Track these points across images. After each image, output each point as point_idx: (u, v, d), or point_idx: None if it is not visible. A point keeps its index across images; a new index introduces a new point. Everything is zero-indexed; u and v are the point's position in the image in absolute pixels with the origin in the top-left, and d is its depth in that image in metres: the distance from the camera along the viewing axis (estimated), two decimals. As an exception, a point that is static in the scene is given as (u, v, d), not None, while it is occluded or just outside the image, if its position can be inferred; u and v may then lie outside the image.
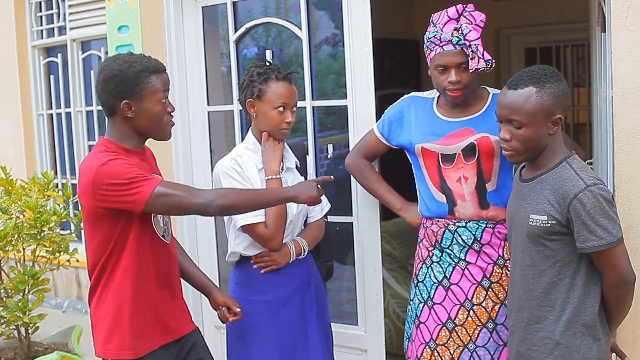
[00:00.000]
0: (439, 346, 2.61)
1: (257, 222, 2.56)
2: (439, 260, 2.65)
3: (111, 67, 2.27)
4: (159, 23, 3.86)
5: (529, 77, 2.11)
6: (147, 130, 2.33)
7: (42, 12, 5.13)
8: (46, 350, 3.78)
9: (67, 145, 5.21)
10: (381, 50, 3.60)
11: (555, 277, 2.12)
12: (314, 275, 2.78)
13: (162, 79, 2.31)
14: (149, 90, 2.27)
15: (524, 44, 6.45)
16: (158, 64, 2.32)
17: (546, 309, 2.14)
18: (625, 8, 2.43)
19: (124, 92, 2.26)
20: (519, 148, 2.14)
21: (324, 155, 3.64)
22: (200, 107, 3.84)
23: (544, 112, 2.08)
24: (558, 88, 2.10)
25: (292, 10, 3.61)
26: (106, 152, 2.25)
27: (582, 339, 2.10)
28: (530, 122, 2.09)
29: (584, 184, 2.02)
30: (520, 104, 2.09)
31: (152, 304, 2.33)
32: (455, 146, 2.58)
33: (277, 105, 2.59)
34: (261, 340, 2.60)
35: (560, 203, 2.06)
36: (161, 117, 2.31)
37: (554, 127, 2.11)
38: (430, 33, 2.54)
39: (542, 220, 2.09)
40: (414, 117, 2.71)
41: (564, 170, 2.10)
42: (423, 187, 2.70)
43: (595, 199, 2.00)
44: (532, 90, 2.09)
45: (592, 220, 2.01)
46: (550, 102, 2.08)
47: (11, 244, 3.61)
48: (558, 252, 2.10)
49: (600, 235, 2.01)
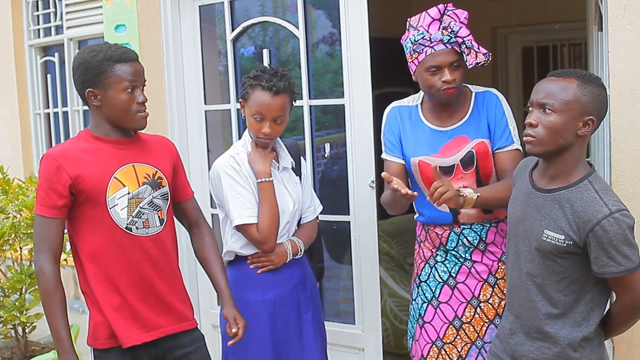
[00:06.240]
0: (446, 344, 2.60)
1: (250, 223, 2.56)
2: (443, 260, 2.64)
3: (78, 56, 2.32)
4: (156, 22, 3.86)
5: (574, 73, 2.04)
6: (114, 119, 2.33)
7: (39, 11, 5.12)
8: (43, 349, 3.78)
9: (64, 144, 5.19)
10: (378, 49, 3.59)
11: (560, 293, 2.06)
12: (309, 274, 2.78)
13: (129, 68, 2.28)
14: (112, 79, 2.27)
15: (521, 43, 6.44)
16: (125, 54, 2.29)
17: (547, 322, 2.09)
18: (622, 7, 2.43)
19: (88, 81, 2.29)
20: (543, 136, 2.01)
21: (321, 155, 3.64)
22: (197, 106, 3.84)
23: (579, 106, 1.98)
24: (600, 92, 2.02)
25: (290, 9, 3.61)
26: (66, 142, 2.40)
27: (581, 351, 2.06)
28: (562, 110, 1.99)
29: (608, 210, 1.94)
30: (559, 90, 2.01)
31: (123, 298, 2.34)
32: (453, 158, 2.56)
33: (253, 112, 2.56)
34: (257, 339, 2.60)
35: (580, 226, 1.97)
36: (127, 107, 2.29)
37: (584, 127, 2.01)
38: (416, 35, 2.49)
39: (558, 239, 2.01)
40: (402, 129, 2.68)
41: (586, 190, 2.00)
42: (421, 198, 2.64)
43: (619, 227, 1.93)
44: (574, 82, 2.01)
45: (613, 247, 1.94)
46: (588, 99, 1.99)
47: (8, 243, 3.61)
48: (567, 269, 2.04)
49: (620, 262, 1.95)
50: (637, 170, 2.45)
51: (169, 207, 2.45)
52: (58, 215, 2.27)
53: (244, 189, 2.58)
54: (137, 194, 2.34)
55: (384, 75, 4.16)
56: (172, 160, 2.51)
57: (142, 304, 2.35)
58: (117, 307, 2.32)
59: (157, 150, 2.47)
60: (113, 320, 2.31)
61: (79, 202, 2.29)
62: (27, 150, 5.29)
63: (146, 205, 2.36)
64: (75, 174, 2.26)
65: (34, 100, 5.26)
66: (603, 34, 2.61)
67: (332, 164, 3.71)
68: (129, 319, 2.33)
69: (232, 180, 2.57)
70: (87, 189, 2.27)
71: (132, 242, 2.33)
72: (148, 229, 2.36)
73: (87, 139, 2.36)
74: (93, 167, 2.29)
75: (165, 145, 2.53)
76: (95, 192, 2.28)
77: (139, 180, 2.35)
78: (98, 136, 2.35)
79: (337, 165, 3.63)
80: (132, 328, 2.33)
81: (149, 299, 2.37)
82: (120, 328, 2.32)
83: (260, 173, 2.58)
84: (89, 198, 2.28)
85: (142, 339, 2.34)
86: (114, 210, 2.30)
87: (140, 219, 2.35)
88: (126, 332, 2.32)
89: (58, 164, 2.26)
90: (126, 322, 2.33)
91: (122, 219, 2.31)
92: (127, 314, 2.33)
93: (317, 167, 3.59)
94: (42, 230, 2.28)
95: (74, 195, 2.28)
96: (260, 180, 2.58)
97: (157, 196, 2.39)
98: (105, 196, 2.29)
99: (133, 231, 2.33)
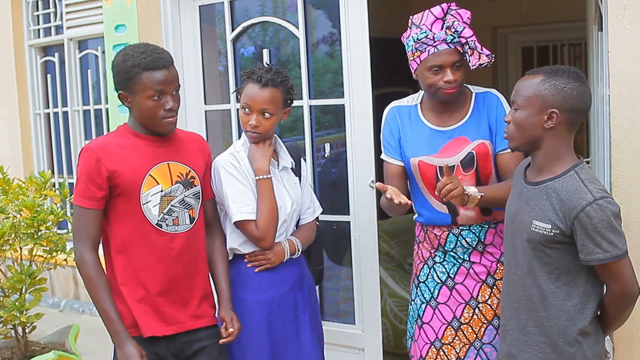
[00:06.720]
0: (444, 345, 2.60)
1: (249, 220, 2.56)
2: (442, 261, 2.64)
3: (115, 57, 2.38)
4: (156, 22, 3.86)
5: (544, 69, 2.12)
6: (142, 122, 2.39)
7: (39, 11, 5.13)
8: (43, 349, 3.77)
9: (64, 144, 5.20)
10: (378, 49, 3.59)
11: (552, 284, 2.08)
12: (306, 274, 2.78)
13: (157, 76, 2.30)
14: (139, 86, 2.31)
15: (521, 43, 6.45)
16: (156, 61, 2.31)
17: (543, 315, 2.11)
18: (622, 7, 2.43)
19: (120, 84, 2.35)
20: (512, 132, 2.13)
21: (321, 155, 3.64)
22: (197, 106, 3.84)
23: (539, 100, 2.05)
24: (566, 84, 2.05)
25: (290, 9, 3.61)
26: (105, 135, 2.47)
27: (577, 346, 2.07)
28: (525, 105, 2.08)
29: (592, 197, 1.97)
30: (524, 88, 2.10)
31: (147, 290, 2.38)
32: (454, 158, 2.56)
33: (242, 105, 2.58)
34: (254, 339, 2.60)
35: (566, 214, 2.01)
36: (153, 113, 2.34)
37: (549, 120, 2.05)
38: (419, 34, 2.48)
39: (545, 228, 2.05)
40: (402, 129, 2.67)
41: (571, 179, 2.04)
42: (420, 199, 2.65)
43: (603, 213, 1.96)
44: (539, 77, 2.09)
45: (598, 234, 1.97)
46: (549, 92, 2.05)
47: (8, 243, 3.60)
48: (557, 260, 2.07)
49: (606, 249, 1.98)
50: (637, 170, 2.45)
51: (200, 206, 2.50)
52: (97, 207, 2.34)
53: (243, 185, 2.58)
54: (170, 192, 2.40)
55: (384, 75, 4.16)
56: (205, 159, 2.57)
57: (164, 299, 2.40)
58: (139, 299, 2.38)
59: (192, 149, 2.52)
60: (135, 311, 2.37)
61: (113, 195, 2.35)
62: (27, 150, 5.30)
63: (177, 203, 2.42)
64: (113, 169, 2.32)
65: (34, 100, 5.27)
66: (603, 34, 2.61)
67: (332, 164, 3.70)
68: (151, 312, 2.39)
69: (232, 177, 2.58)
70: (123, 183, 2.33)
71: (161, 239, 2.39)
72: (178, 227, 2.41)
73: (125, 134, 2.42)
74: (130, 162, 2.35)
75: (200, 143, 2.59)
76: (130, 188, 2.34)
77: (172, 179, 2.41)
78: (136, 132, 2.41)
79: (337, 165, 3.63)
80: (153, 321, 2.39)
81: (171, 294, 2.42)
82: (142, 319, 2.38)
83: (259, 170, 2.59)
84: (124, 192, 2.34)
85: (162, 332, 2.40)
86: (147, 207, 2.36)
87: (171, 216, 2.40)
88: (147, 324, 2.38)
89: (97, 157, 2.32)
90: (147, 315, 2.38)
91: (154, 215, 2.37)
92: (149, 307, 2.39)
93: (317, 167, 3.59)
94: (82, 220, 2.34)
95: (110, 188, 2.34)
96: (259, 178, 2.58)
97: (189, 195, 2.45)
98: (140, 192, 2.35)
99: (163, 228, 2.39)
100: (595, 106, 2.99)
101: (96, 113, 4.84)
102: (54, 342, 3.83)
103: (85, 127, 5.02)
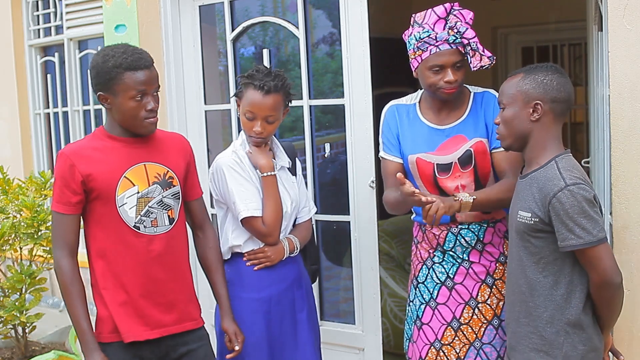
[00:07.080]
0: (444, 346, 2.60)
1: (257, 216, 2.57)
2: (441, 262, 2.63)
3: (94, 58, 2.36)
4: (156, 22, 3.86)
5: (524, 68, 2.23)
6: (123, 123, 2.36)
7: (39, 11, 5.12)
8: (43, 349, 3.78)
9: (64, 144, 5.19)
10: (378, 49, 3.59)
11: (540, 274, 2.14)
12: (304, 273, 2.80)
13: (138, 76, 2.29)
14: (121, 87, 2.29)
15: (521, 43, 6.45)
16: (137, 62, 2.29)
17: (531, 305, 2.16)
18: (622, 7, 2.43)
19: (100, 85, 2.32)
20: (502, 131, 2.22)
21: (321, 154, 3.64)
22: (197, 106, 3.84)
23: (522, 95, 2.15)
24: (545, 76, 2.15)
25: (290, 9, 3.61)
26: (81, 140, 2.46)
27: (565, 336, 2.10)
28: (510, 103, 2.18)
29: (563, 183, 2.03)
30: (507, 88, 2.21)
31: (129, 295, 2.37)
32: (451, 156, 2.56)
33: (245, 111, 2.58)
34: (252, 337, 2.61)
35: (543, 201, 2.08)
36: (135, 114, 2.32)
37: (535, 112, 2.14)
38: (421, 33, 2.49)
39: (526, 217, 2.13)
40: (400, 127, 2.68)
41: (550, 168, 2.11)
42: None
43: (574, 199, 2.01)
44: (519, 76, 2.20)
45: (570, 219, 2.01)
46: (529, 86, 2.15)
47: (8, 243, 3.61)
48: (542, 249, 2.12)
49: (579, 235, 2.01)
50: (637, 170, 2.45)
51: (180, 207, 2.48)
52: (73, 212, 2.33)
53: (248, 182, 2.60)
54: (147, 193, 2.37)
55: (384, 75, 4.15)
56: (186, 158, 2.54)
57: (147, 302, 2.38)
58: (122, 303, 2.36)
59: (171, 148, 2.50)
60: (117, 315, 2.35)
61: (90, 200, 2.34)
62: (27, 150, 5.29)
63: (155, 204, 2.39)
64: (87, 172, 2.30)
65: (34, 100, 5.26)
66: (603, 34, 2.61)
67: (332, 164, 3.70)
68: (133, 316, 2.36)
69: (237, 174, 2.59)
70: (98, 187, 2.32)
71: (139, 241, 2.36)
72: (156, 228, 2.39)
73: (101, 137, 2.40)
74: (104, 166, 2.33)
75: (180, 143, 2.56)
76: (106, 191, 2.32)
77: (149, 180, 2.38)
78: (111, 135, 2.39)
79: (337, 165, 3.63)
80: (136, 325, 2.36)
81: (154, 297, 2.39)
82: (123, 323, 2.35)
83: (265, 167, 2.60)
84: (100, 196, 2.33)
85: (145, 336, 2.36)
86: (123, 209, 2.34)
87: (149, 217, 2.38)
88: (129, 328, 2.35)
89: (71, 162, 2.30)
90: (130, 319, 2.36)
91: (131, 217, 2.35)
92: (132, 310, 2.36)
93: (317, 167, 3.59)
94: (59, 226, 2.34)
95: (86, 192, 2.32)
96: (265, 174, 2.59)
97: (168, 195, 2.42)
98: (115, 195, 2.33)
99: (141, 230, 2.36)
100: (595, 106, 2.99)
101: (96, 113, 4.83)
102: (54, 342, 3.84)
103: (85, 127, 5.01)
